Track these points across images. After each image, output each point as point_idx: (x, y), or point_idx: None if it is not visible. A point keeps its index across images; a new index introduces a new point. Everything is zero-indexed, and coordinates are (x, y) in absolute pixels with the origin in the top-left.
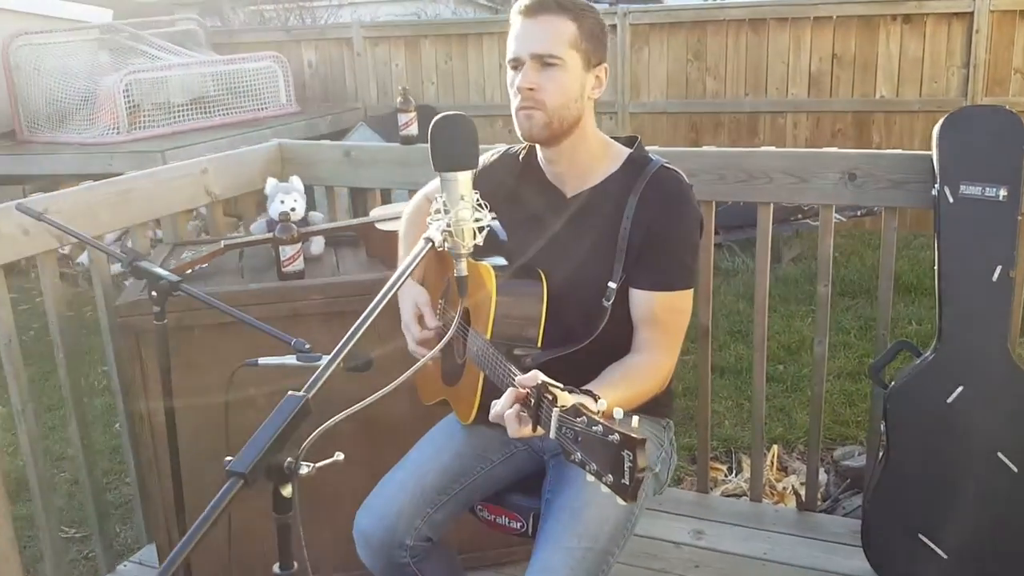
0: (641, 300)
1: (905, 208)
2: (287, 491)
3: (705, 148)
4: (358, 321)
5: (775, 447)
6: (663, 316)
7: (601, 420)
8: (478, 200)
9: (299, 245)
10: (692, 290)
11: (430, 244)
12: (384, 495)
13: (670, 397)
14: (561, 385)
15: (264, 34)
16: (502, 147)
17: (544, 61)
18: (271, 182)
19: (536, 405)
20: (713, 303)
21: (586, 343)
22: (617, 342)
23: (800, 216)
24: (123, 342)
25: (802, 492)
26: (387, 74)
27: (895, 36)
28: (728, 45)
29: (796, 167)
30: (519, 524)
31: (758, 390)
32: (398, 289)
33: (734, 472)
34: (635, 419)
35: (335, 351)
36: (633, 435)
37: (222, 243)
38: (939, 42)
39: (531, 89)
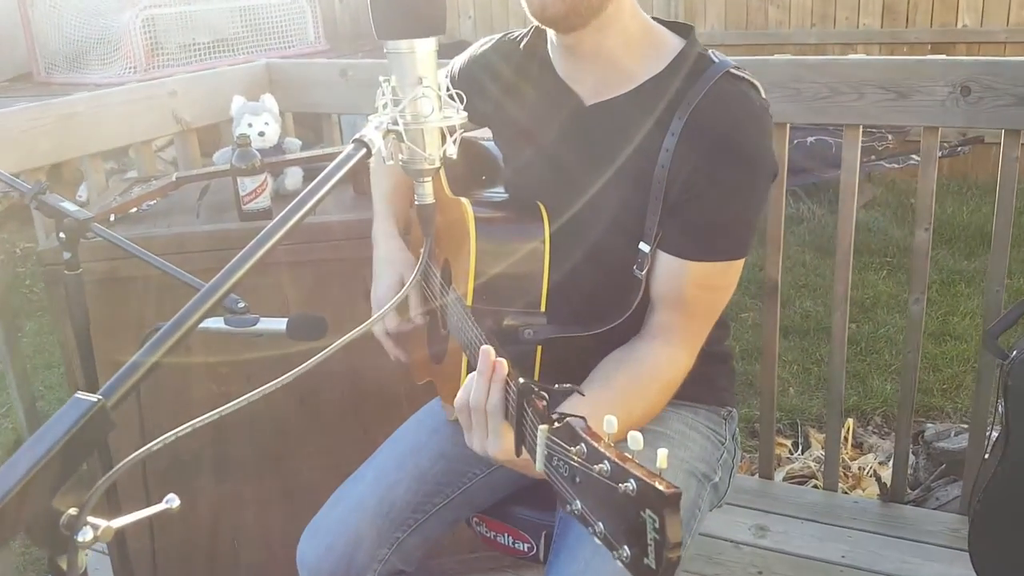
0: (667, 268)
1: (991, 145)
2: (66, 564)
3: (776, 56)
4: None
5: (849, 420)
6: (693, 294)
7: (609, 454)
8: (449, 91)
9: (263, 177)
10: (743, 261)
11: (364, 150)
12: (336, 516)
13: (731, 378)
14: (537, 385)
15: None
16: (496, 35)
17: None
18: (237, 101)
19: (518, 415)
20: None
21: (612, 326)
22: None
23: (873, 157)
24: (53, 295)
25: (884, 475)
26: None
27: None
28: None
29: (893, 79)
30: (526, 546)
31: (837, 358)
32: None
33: (800, 449)
34: (662, 453)
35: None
36: (659, 487)
37: (174, 176)
38: None
39: None
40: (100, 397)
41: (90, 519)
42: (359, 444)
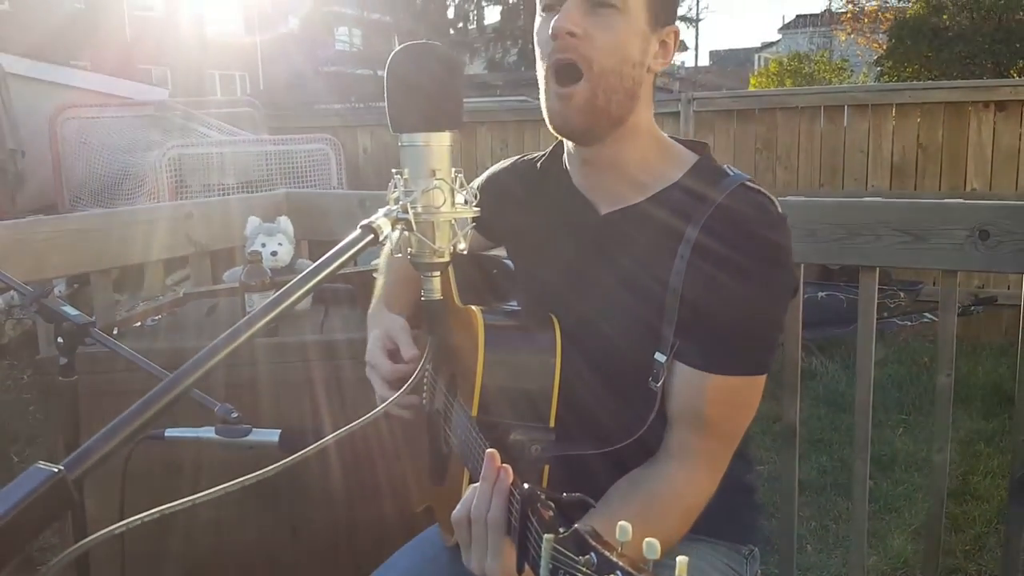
0: (685, 381)
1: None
2: None
3: (790, 197)
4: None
5: None
6: (715, 412)
7: (622, 563)
8: (462, 186)
9: (272, 295)
10: (764, 377)
11: (371, 235)
12: None
13: (755, 512)
14: (544, 492)
15: (320, 119)
16: (514, 157)
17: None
18: (252, 221)
19: (521, 526)
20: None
21: (626, 443)
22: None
23: (885, 314)
24: (48, 406)
25: None
26: None
27: (987, 124)
28: (800, 133)
29: (911, 222)
30: None
31: (859, 514)
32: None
33: None
34: (682, 560)
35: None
36: None
37: (181, 292)
38: None
39: (572, 35)
40: (60, 468)
41: None
42: None
